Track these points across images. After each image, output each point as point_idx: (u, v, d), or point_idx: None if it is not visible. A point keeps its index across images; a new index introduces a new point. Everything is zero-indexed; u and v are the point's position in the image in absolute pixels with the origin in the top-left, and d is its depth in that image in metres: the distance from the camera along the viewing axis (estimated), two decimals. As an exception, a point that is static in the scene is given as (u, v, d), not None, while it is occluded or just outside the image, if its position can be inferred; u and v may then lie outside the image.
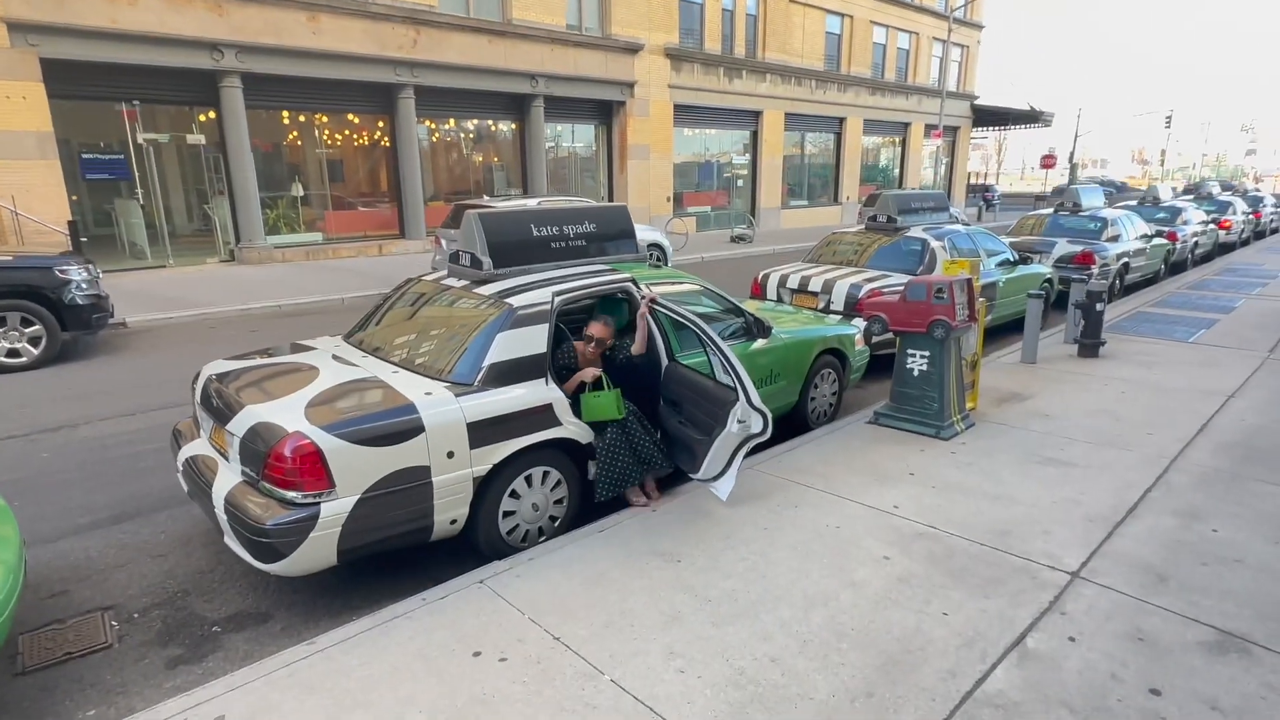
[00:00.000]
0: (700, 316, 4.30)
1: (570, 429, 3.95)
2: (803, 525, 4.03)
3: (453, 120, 18.55)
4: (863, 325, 6.11)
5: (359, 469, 3.26)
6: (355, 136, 17.14)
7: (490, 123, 19.15)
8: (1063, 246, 11.26)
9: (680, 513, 4.18)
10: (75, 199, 13.42)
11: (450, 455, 3.51)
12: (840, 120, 27.99)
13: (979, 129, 36.81)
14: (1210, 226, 17.28)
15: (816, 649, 2.97)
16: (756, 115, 24.79)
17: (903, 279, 7.44)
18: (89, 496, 4.75)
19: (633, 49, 20.35)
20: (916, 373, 5.49)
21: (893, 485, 4.56)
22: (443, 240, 12.12)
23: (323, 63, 15.10)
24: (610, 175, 21.69)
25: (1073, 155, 43.93)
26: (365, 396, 3.52)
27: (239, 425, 3.40)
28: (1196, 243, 16.03)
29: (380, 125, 17.15)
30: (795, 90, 25.60)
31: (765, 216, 25.57)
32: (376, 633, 3.10)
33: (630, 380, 4.33)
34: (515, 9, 17.72)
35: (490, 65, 17.48)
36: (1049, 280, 9.84)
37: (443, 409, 3.51)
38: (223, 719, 2.61)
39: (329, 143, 16.82)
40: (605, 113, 21.06)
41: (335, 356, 4.13)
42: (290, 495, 3.17)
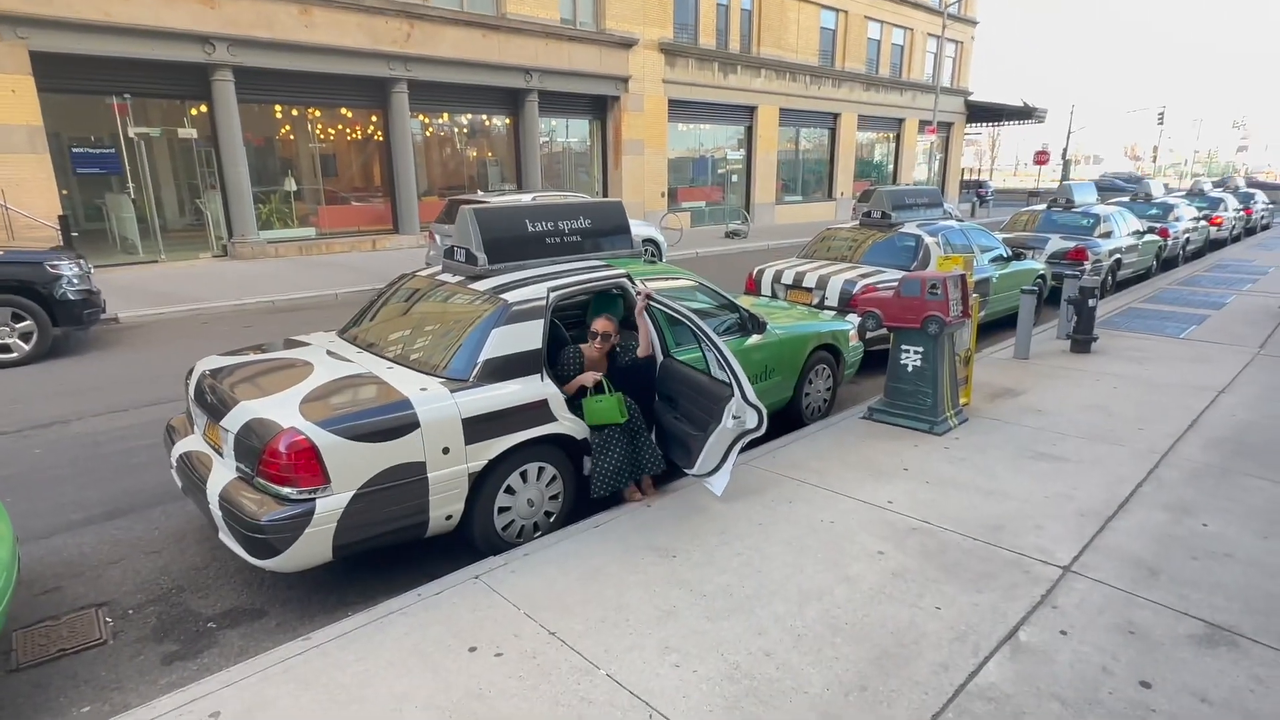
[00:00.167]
0: (695, 312, 4.31)
1: (566, 424, 3.96)
2: (797, 520, 4.04)
3: (446, 115, 18.47)
4: (857, 321, 6.13)
5: (354, 465, 3.26)
6: (348, 131, 17.06)
7: (484, 117, 19.08)
8: (1056, 242, 11.32)
9: (675, 508, 4.19)
10: (66, 193, 13.32)
11: (446, 451, 3.52)
12: (835, 116, 28.01)
13: (973, 125, 36.90)
14: (1201, 223, 17.37)
15: (811, 643, 2.99)
16: (751, 110, 24.79)
17: (897, 275, 7.47)
18: (82, 492, 4.73)
19: (627, 44, 20.30)
20: (910, 368, 5.51)
21: (887, 480, 4.58)
22: (437, 235, 12.08)
23: (315, 56, 15.01)
24: (605, 170, 21.66)
25: (1065, 151, 44.04)
26: (360, 392, 3.52)
27: (233, 421, 3.39)
28: (1188, 239, 16.11)
29: (374, 120, 17.07)
30: (790, 86, 25.59)
31: (760, 212, 25.57)
32: (372, 628, 3.10)
33: (626, 376, 4.33)
34: (509, 3, 17.65)
35: (484, 59, 17.41)
36: (1042, 276, 9.88)
37: (438, 405, 3.51)
38: (218, 715, 2.61)
39: (322, 137, 16.73)
40: (600, 108, 21.02)
41: (330, 352, 4.12)
42: (285, 491, 3.17)
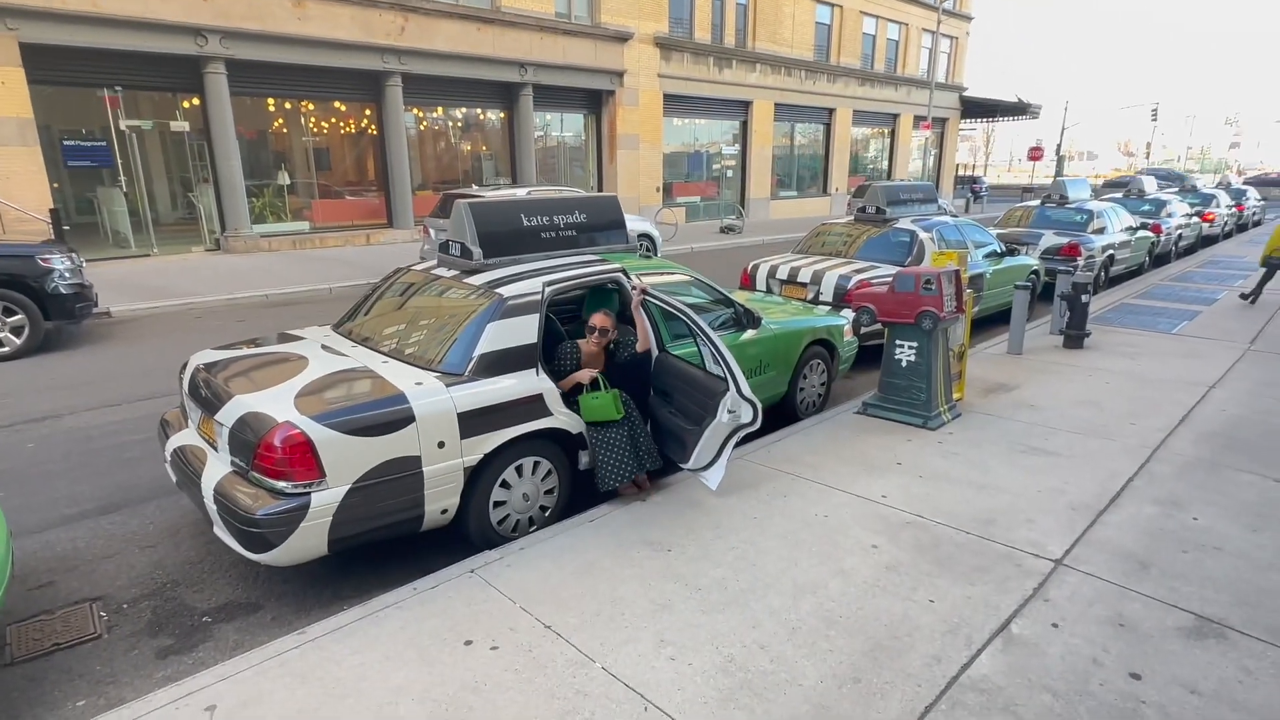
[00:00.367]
0: (690, 307, 4.31)
1: (561, 419, 3.96)
2: (792, 514, 4.06)
3: (441, 109, 18.40)
4: (851, 316, 6.14)
5: (349, 459, 3.26)
6: (342, 124, 16.97)
7: (479, 111, 19.01)
8: (1049, 238, 11.36)
9: (670, 502, 4.20)
10: (57, 186, 13.23)
11: (441, 445, 3.52)
12: (830, 111, 28.02)
13: (967, 121, 36.95)
14: (1194, 219, 17.44)
15: (805, 636, 3.01)
16: (746, 105, 24.76)
17: (891, 270, 7.49)
18: (75, 487, 4.72)
19: (622, 38, 20.24)
20: (904, 363, 5.53)
21: (881, 475, 4.61)
22: (431, 230, 12.05)
23: (309, 49, 14.92)
24: (599, 165, 21.61)
25: (1059, 147, 44.17)
26: (355, 386, 3.52)
27: (228, 415, 3.39)
28: (1180, 235, 16.18)
29: (368, 113, 16.99)
30: (785, 80, 25.57)
31: (754, 207, 25.58)
32: (368, 622, 3.10)
33: (621, 371, 4.34)
34: (504, -4, 17.61)
35: (479, 53, 17.34)
36: (1035, 272, 9.92)
37: (433, 399, 3.51)
38: (214, 709, 2.61)
39: (315, 130, 16.64)
40: (594, 102, 20.97)
41: (324, 346, 4.11)
42: (280, 485, 3.16)
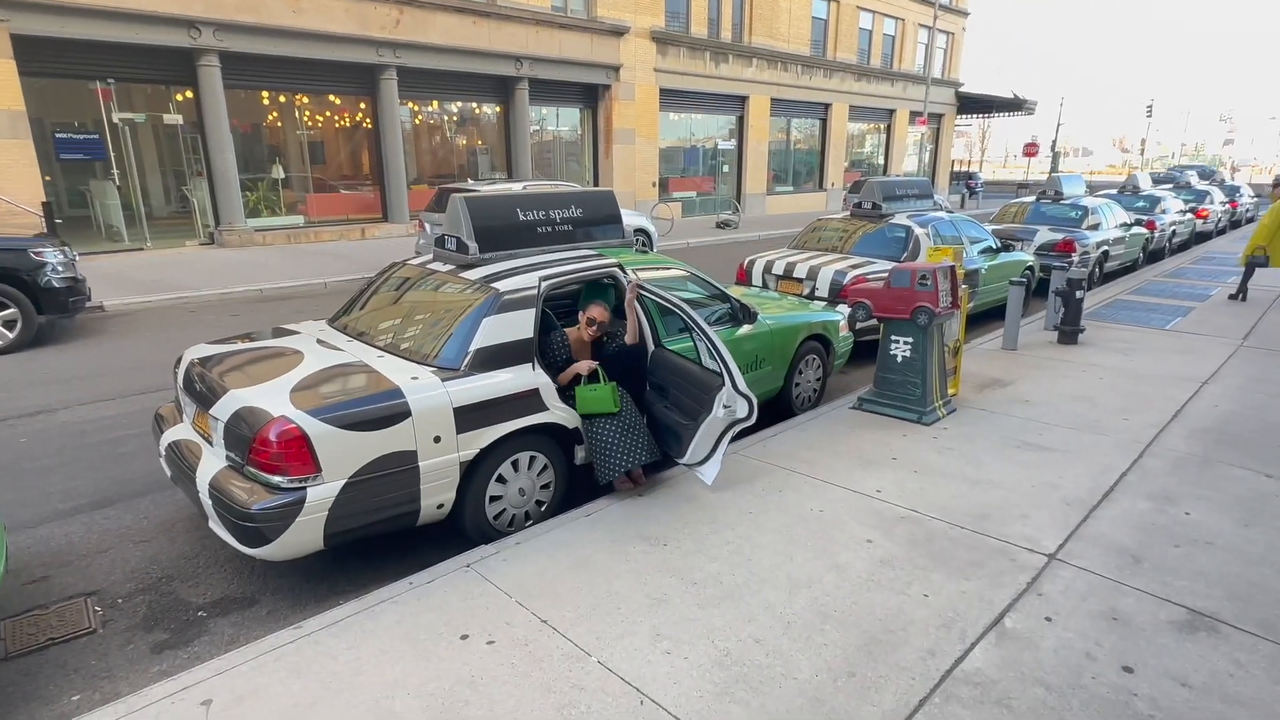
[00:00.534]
0: (686, 302, 4.30)
1: (557, 414, 3.96)
2: (787, 509, 4.07)
3: (436, 102, 18.33)
4: (847, 311, 6.16)
5: (345, 453, 3.25)
6: (337, 118, 16.90)
7: (474, 105, 18.95)
8: (1044, 234, 11.39)
9: (666, 497, 4.21)
10: (49, 179, 13.15)
11: (437, 440, 3.51)
12: (826, 106, 28.00)
13: (963, 116, 36.96)
14: (1188, 216, 17.50)
15: (800, 630, 3.02)
16: (742, 100, 24.73)
17: (887, 266, 7.50)
18: (69, 482, 4.70)
19: (618, 32, 20.18)
20: (900, 359, 5.54)
21: (876, 470, 4.62)
22: (426, 224, 12.01)
23: (303, 42, 14.84)
24: (595, 159, 21.57)
25: (1055, 143, 44.25)
26: (351, 381, 3.51)
27: (223, 410, 3.38)
28: (1174, 231, 16.23)
29: (362, 107, 16.92)
30: (781, 75, 25.54)
31: (751, 202, 25.57)
32: (364, 616, 3.10)
33: (617, 366, 4.34)
34: (499, -11, 17.53)
35: (474, 47, 17.27)
36: (1030, 268, 9.94)
37: (429, 394, 3.51)
38: (209, 703, 2.61)
39: (310, 124, 16.57)
40: (590, 96, 20.91)
41: (320, 341, 4.10)
42: (276, 480, 3.16)
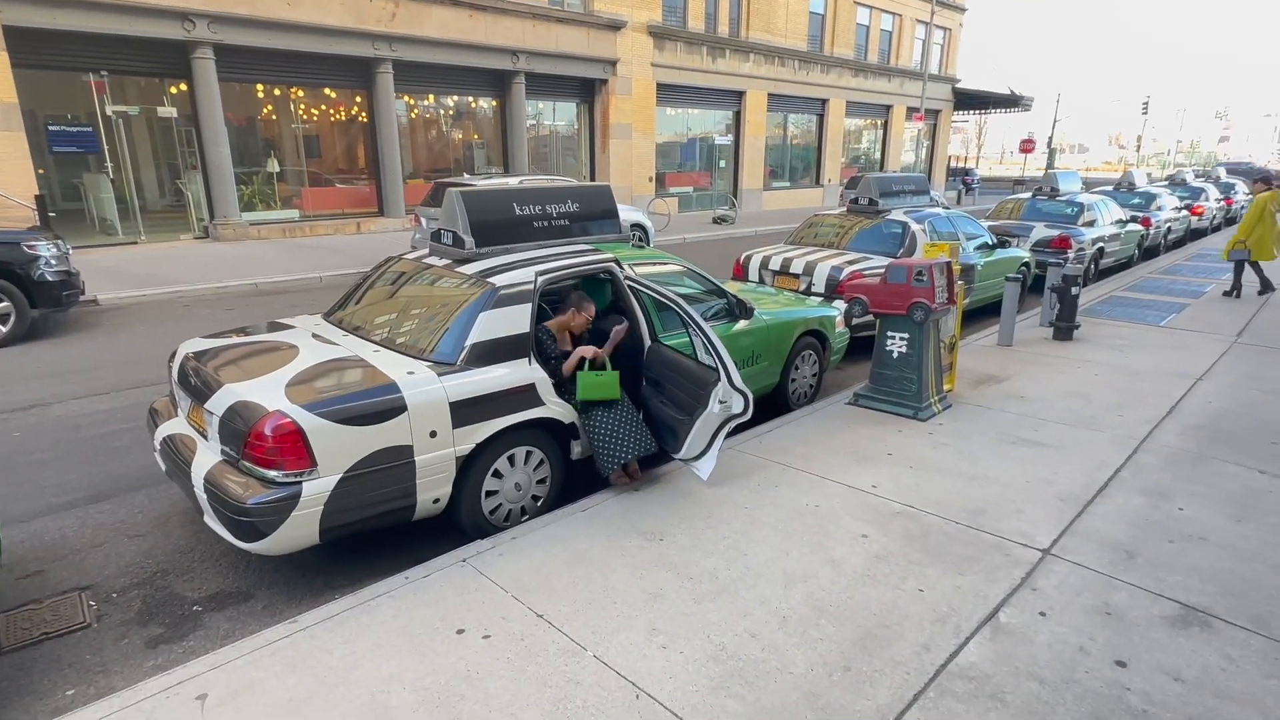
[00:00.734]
0: (683, 297, 4.31)
1: (553, 409, 3.96)
2: (783, 504, 4.08)
3: (432, 96, 18.26)
4: (843, 307, 6.16)
5: (341, 448, 3.25)
6: (332, 112, 16.82)
7: (470, 99, 18.88)
8: (1040, 230, 11.41)
9: (662, 492, 4.22)
10: (42, 172, 13.07)
11: (433, 435, 3.51)
12: (823, 102, 27.97)
13: (960, 112, 36.98)
14: (1183, 213, 17.54)
15: (795, 625, 3.03)
16: (739, 95, 24.68)
17: (883, 262, 7.51)
18: (63, 476, 4.68)
19: (615, 26, 20.12)
20: (896, 354, 5.55)
21: (871, 465, 4.63)
22: (422, 218, 11.98)
23: (298, 35, 14.76)
24: (592, 154, 21.52)
25: (1051, 140, 44.34)
26: (346, 375, 3.50)
27: (218, 404, 3.37)
28: (1169, 228, 16.27)
29: (358, 100, 16.84)
30: (778, 70, 25.50)
31: (747, 198, 25.55)
32: (359, 611, 3.10)
33: (613, 360, 4.33)
34: (496, -17, 17.45)
35: (471, 40, 17.20)
36: (1026, 264, 9.96)
37: (425, 388, 3.50)
38: (205, 697, 2.61)
39: (305, 118, 16.49)
40: (587, 91, 20.85)
41: (315, 335, 4.09)
42: (271, 474, 3.15)
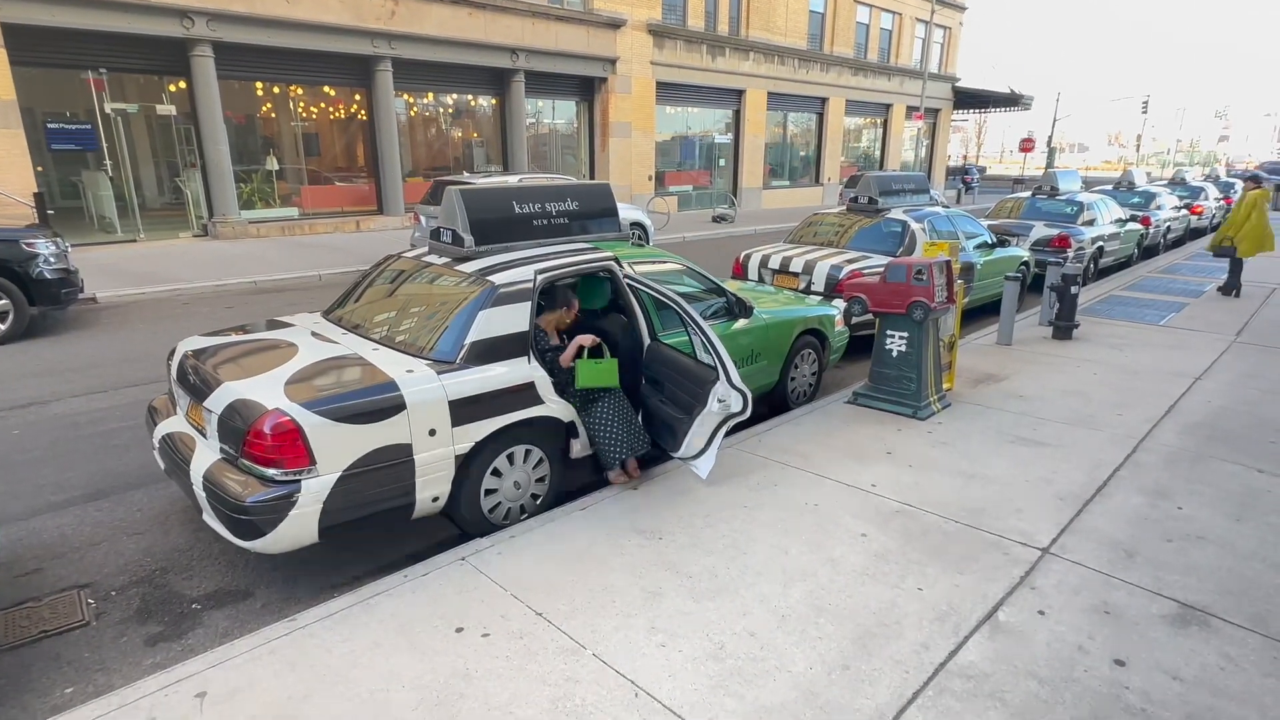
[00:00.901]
0: (682, 296, 4.30)
1: (552, 407, 3.96)
2: (782, 503, 4.08)
3: (432, 95, 18.24)
4: (843, 306, 6.16)
5: (340, 446, 3.24)
6: (332, 110, 16.80)
7: (470, 98, 18.85)
8: (1040, 230, 11.41)
9: (661, 491, 4.21)
10: (40, 170, 13.05)
11: (432, 433, 3.51)
12: (822, 100, 27.95)
13: (959, 111, 36.96)
14: (1182, 212, 17.54)
15: (795, 624, 3.03)
16: (739, 94, 24.66)
17: (883, 260, 7.50)
18: (62, 474, 4.68)
19: (615, 24, 20.10)
20: (895, 353, 5.55)
21: (870, 464, 4.63)
22: (422, 217, 11.97)
23: (297, 33, 14.73)
24: (591, 153, 21.50)
25: (1050, 139, 44.35)
26: (345, 374, 3.50)
27: (217, 402, 3.36)
28: (1169, 227, 16.27)
29: (357, 98, 16.82)
30: (778, 69, 25.48)
31: (747, 196, 25.53)
32: (358, 609, 3.10)
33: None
34: (496, -19, 17.42)
35: (470, 39, 17.18)
36: (1026, 263, 9.96)
37: (424, 386, 3.50)
38: (204, 695, 2.61)
39: (305, 116, 16.47)
40: (587, 89, 20.83)
41: (314, 333, 4.09)
42: (270, 473, 3.15)
